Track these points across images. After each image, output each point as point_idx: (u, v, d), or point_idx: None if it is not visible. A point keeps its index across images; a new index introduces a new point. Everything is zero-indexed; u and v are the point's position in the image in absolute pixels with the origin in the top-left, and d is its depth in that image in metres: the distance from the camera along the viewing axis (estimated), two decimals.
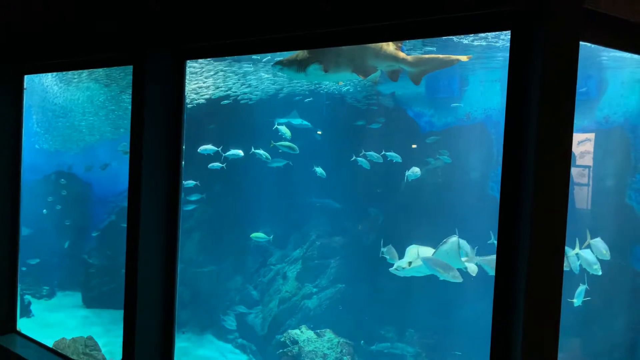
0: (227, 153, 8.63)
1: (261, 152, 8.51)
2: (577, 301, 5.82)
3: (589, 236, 5.92)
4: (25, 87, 4.97)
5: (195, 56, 3.50)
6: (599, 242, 5.88)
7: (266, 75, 9.34)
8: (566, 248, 5.78)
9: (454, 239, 5.78)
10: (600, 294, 6.30)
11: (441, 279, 6.10)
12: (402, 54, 4.25)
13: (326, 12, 2.64)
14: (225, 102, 9.80)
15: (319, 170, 8.45)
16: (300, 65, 4.42)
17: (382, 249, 6.52)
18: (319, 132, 9.21)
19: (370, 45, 4.18)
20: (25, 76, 4.83)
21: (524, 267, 2.08)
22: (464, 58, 4.29)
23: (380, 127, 8.86)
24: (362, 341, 8.16)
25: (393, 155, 8.15)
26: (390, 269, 6.21)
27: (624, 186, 7.14)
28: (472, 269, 6.04)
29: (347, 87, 9.19)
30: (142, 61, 3.38)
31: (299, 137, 8.71)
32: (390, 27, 2.56)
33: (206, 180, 9.60)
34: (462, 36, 6.79)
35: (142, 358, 3.54)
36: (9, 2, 4.36)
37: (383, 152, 8.14)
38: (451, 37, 6.69)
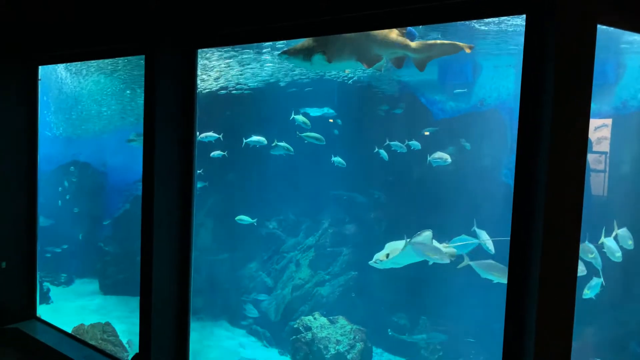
0: (249, 139, 8.63)
1: (283, 143, 8.53)
2: (589, 293, 5.80)
3: (616, 227, 5.96)
4: (39, 77, 5.02)
5: (207, 45, 3.51)
6: (625, 232, 5.95)
7: (269, 65, 9.31)
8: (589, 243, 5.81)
9: (427, 232, 5.90)
10: (616, 281, 6.25)
11: (430, 263, 6.25)
12: (406, 41, 4.23)
13: None
14: (237, 91, 9.81)
15: (337, 159, 8.44)
16: (305, 55, 4.47)
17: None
18: (331, 120, 9.18)
19: (373, 33, 4.19)
20: (40, 67, 4.88)
21: (538, 255, 2.07)
22: (467, 49, 4.24)
23: (393, 114, 8.81)
24: (389, 330, 8.20)
25: (414, 144, 8.18)
26: (369, 262, 6.34)
27: None
28: (451, 252, 6.32)
29: (357, 74, 9.13)
30: (154, 51, 3.39)
31: (314, 125, 8.70)
32: (406, 12, 2.53)
33: (218, 169, 9.65)
34: (477, 21, 6.67)
35: (158, 343, 3.61)
36: None
37: (406, 142, 8.16)
38: (466, 22, 6.59)
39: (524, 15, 2.18)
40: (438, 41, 4.68)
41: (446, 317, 8.16)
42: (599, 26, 2.15)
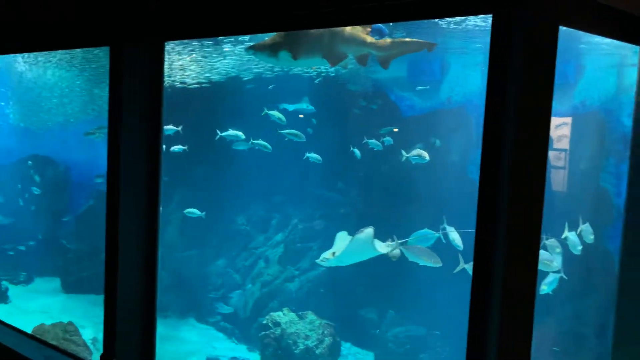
0: (225, 133, 8.50)
1: (260, 141, 8.44)
2: (546, 288, 6.02)
3: (581, 222, 6.29)
4: None
5: (176, 37, 3.44)
6: (587, 227, 6.29)
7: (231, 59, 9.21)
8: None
9: (369, 229, 6.11)
10: (575, 274, 6.50)
11: (421, 264, 6.37)
12: (370, 39, 4.30)
13: None
14: (203, 85, 9.66)
15: (312, 155, 8.41)
16: (271, 51, 4.48)
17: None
18: (301, 116, 9.16)
19: (339, 30, 4.25)
20: None
21: (502, 247, 2.13)
22: (430, 48, 4.34)
23: (364, 110, 8.87)
24: (378, 331, 8.24)
25: (387, 140, 8.27)
26: (316, 260, 6.52)
27: (599, 169, 7.31)
28: (395, 254, 6.58)
29: (327, 70, 9.14)
30: (120, 42, 3.30)
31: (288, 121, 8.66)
32: (368, 10, 2.55)
33: (185, 164, 9.50)
34: (447, 20, 6.79)
35: (124, 342, 3.53)
36: None
37: (382, 139, 8.24)
38: (436, 20, 6.69)
39: (491, 15, 2.23)
40: (402, 39, 4.77)
41: (414, 310, 8.31)
42: (561, 27, 2.22)
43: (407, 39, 4.74)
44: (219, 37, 8.06)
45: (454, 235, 6.78)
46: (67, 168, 12.77)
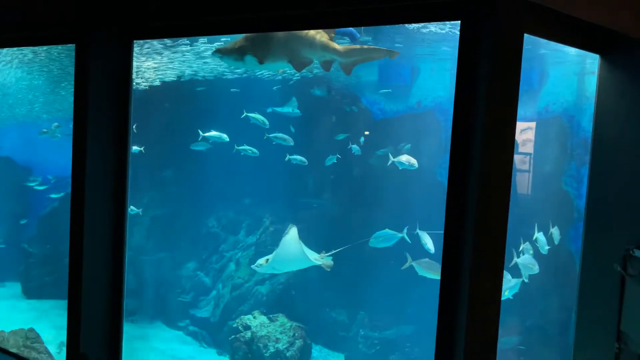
0: (208, 134, 8.36)
1: (246, 146, 8.33)
2: (507, 294, 6.17)
3: (550, 225, 6.51)
4: None
5: (145, 36, 3.38)
6: (556, 230, 6.61)
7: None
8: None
9: (293, 228, 6.24)
10: (538, 274, 6.70)
11: (429, 277, 6.51)
12: (333, 45, 4.34)
13: None
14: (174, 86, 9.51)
15: (295, 157, 8.34)
16: (237, 55, 4.50)
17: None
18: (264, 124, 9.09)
19: (303, 36, 4.28)
20: None
21: (470, 248, 2.17)
22: (392, 55, 4.41)
23: (336, 114, 8.90)
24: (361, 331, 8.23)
25: (355, 149, 8.34)
26: (251, 266, 6.58)
27: (561, 172, 7.57)
28: (327, 264, 6.72)
29: (302, 74, 9.15)
30: (86, 40, 3.22)
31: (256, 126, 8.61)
32: (338, 13, 2.57)
33: (156, 166, 9.33)
34: (417, 25, 6.89)
35: (89, 349, 3.44)
36: None
37: (362, 141, 8.28)
38: (406, 25, 6.79)
39: (460, 22, 2.28)
40: (365, 46, 4.83)
41: (384, 311, 8.39)
42: (526, 35, 2.30)
43: (371, 47, 4.82)
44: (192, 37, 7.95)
45: (426, 239, 6.91)
46: (28, 169, 12.34)
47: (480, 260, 2.19)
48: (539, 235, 6.43)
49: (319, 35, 4.29)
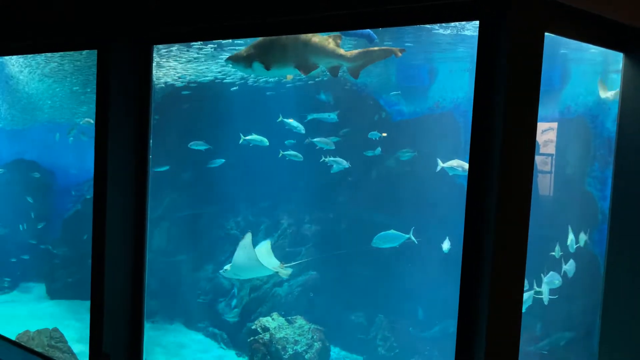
0: (249, 137, 8.44)
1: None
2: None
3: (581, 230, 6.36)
4: None
5: (164, 41, 3.43)
6: (582, 235, 6.41)
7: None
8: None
9: (248, 234, 6.30)
10: (563, 278, 6.58)
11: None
12: (340, 50, 4.36)
13: None
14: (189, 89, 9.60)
15: (289, 152, 8.33)
16: (246, 62, 4.57)
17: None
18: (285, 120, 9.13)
19: (309, 42, 4.32)
20: None
21: (490, 253, 2.14)
22: (398, 53, 4.38)
23: (354, 115, 8.88)
24: (411, 328, 8.16)
25: (374, 134, 8.26)
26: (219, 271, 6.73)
27: (584, 174, 7.41)
28: (283, 272, 7.02)
29: (320, 76, 9.15)
30: (108, 46, 3.28)
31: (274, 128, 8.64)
32: (357, 15, 2.56)
33: (175, 168, 9.44)
34: (435, 26, 6.85)
35: (110, 349, 3.49)
36: None
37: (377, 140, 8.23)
38: (425, 26, 6.75)
39: (478, 22, 2.26)
40: (368, 49, 4.82)
41: (403, 314, 8.32)
42: (546, 34, 2.26)
43: (376, 48, 4.82)
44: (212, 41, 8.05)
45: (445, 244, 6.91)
46: (52, 172, 12.63)
47: (501, 263, 2.16)
48: (571, 237, 6.33)
49: (325, 41, 4.34)
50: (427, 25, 6.82)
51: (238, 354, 8.65)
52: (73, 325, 8.29)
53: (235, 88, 9.72)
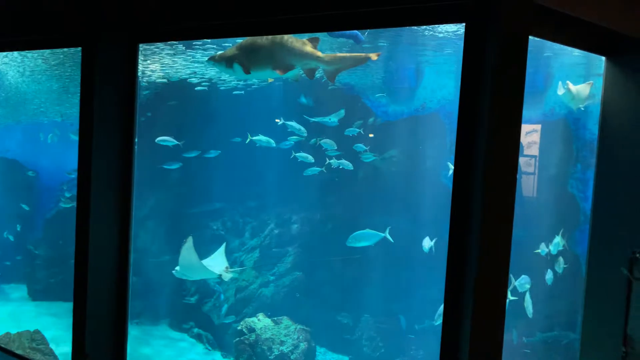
0: (256, 138, 8.41)
1: (302, 154, 8.36)
2: None
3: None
4: None
5: (150, 39, 3.40)
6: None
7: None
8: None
9: (189, 239, 6.43)
10: (544, 276, 6.67)
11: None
12: (317, 53, 4.42)
13: None
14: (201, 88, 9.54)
15: (302, 154, 8.35)
16: (227, 63, 4.63)
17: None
18: (277, 121, 9.12)
19: (287, 44, 4.38)
20: None
21: (475, 250, 2.17)
22: (373, 56, 4.45)
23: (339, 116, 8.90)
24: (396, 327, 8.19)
25: (360, 147, 8.32)
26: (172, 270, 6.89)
27: (567, 175, 7.53)
28: (226, 275, 7.23)
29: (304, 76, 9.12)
30: (93, 43, 3.24)
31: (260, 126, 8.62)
32: (346, 15, 2.57)
33: (161, 168, 9.36)
34: (421, 27, 6.90)
35: (93, 351, 3.45)
36: None
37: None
38: (412, 28, 6.79)
39: (464, 24, 2.28)
40: (346, 54, 4.91)
41: (388, 314, 8.36)
42: (530, 37, 2.29)
43: (353, 54, 4.92)
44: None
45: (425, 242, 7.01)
46: (35, 172, 12.42)
47: (485, 262, 2.18)
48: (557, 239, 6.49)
49: (302, 43, 4.40)
50: (414, 27, 6.86)
51: (224, 355, 8.60)
52: (55, 327, 8.16)
53: (224, 88, 9.69)
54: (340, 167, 8.28)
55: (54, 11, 3.46)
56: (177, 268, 6.97)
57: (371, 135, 8.87)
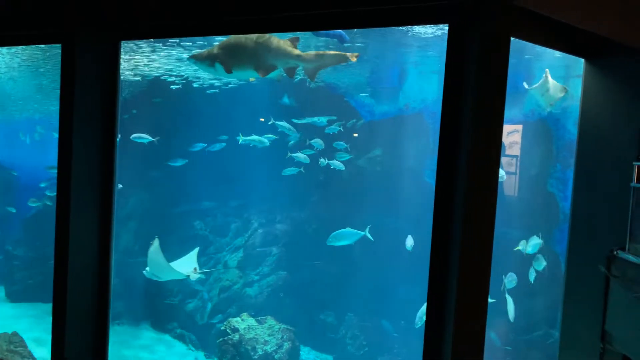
0: (249, 138, 8.37)
1: (299, 154, 8.34)
2: None
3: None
4: None
5: (132, 37, 3.35)
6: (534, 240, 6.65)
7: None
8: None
9: (155, 241, 6.53)
10: (526, 275, 6.77)
11: None
12: (297, 51, 4.44)
13: None
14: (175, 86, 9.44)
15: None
16: (209, 61, 4.63)
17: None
18: (262, 119, 9.10)
19: (267, 43, 4.41)
20: None
21: (457, 246, 2.19)
22: (352, 58, 4.49)
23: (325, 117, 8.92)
24: (403, 321, 8.17)
25: (340, 144, 8.34)
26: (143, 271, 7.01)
27: (547, 175, 7.66)
28: (193, 276, 7.36)
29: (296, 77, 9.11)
30: (73, 40, 3.19)
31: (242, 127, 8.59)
32: (330, 15, 2.58)
33: (143, 167, 9.25)
34: (406, 28, 6.93)
35: (74, 353, 3.39)
36: None
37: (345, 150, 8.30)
38: (397, 28, 6.82)
39: (447, 25, 2.30)
40: (327, 52, 4.93)
41: (372, 312, 8.40)
42: (512, 39, 2.32)
43: (333, 52, 4.94)
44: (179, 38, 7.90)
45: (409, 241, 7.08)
46: (14, 171, 12.18)
47: (467, 258, 2.20)
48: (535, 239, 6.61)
49: (282, 42, 4.42)
50: (399, 28, 6.90)
51: (207, 355, 8.54)
52: (34, 329, 8.01)
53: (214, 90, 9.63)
54: (332, 167, 8.31)
55: (34, 7, 3.39)
56: (147, 269, 7.06)
57: (355, 135, 8.91)
